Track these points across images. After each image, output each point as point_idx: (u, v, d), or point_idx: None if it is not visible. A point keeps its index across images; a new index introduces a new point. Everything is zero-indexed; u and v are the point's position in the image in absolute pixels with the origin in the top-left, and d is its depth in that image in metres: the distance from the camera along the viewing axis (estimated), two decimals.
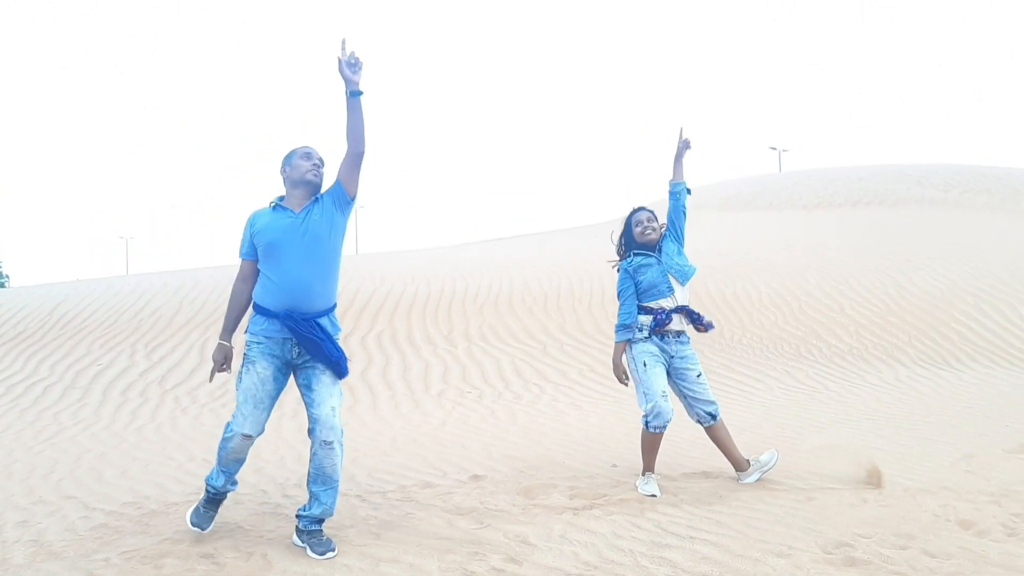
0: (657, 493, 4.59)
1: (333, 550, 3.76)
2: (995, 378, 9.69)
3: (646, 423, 4.67)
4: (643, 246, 4.87)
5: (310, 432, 3.81)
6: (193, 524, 4.01)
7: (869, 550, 3.64)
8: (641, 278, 4.80)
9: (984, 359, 10.90)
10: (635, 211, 4.98)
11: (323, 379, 3.86)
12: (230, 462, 3.92)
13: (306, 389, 3.88)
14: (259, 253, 3.91)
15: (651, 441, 4.73)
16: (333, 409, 3.81)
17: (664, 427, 4.67)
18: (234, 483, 4.08)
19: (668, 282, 4.79)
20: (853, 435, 6.37)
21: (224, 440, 3.87)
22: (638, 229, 4.89)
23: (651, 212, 4.96)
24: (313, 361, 3.88)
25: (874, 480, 4.70)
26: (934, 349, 11.30)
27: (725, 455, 4.93)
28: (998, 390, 8.84)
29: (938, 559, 3.53)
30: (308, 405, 3.86)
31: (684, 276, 4.85)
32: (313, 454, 3.81)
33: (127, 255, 60.92)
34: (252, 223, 3.95)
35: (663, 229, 4.95)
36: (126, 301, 12.93)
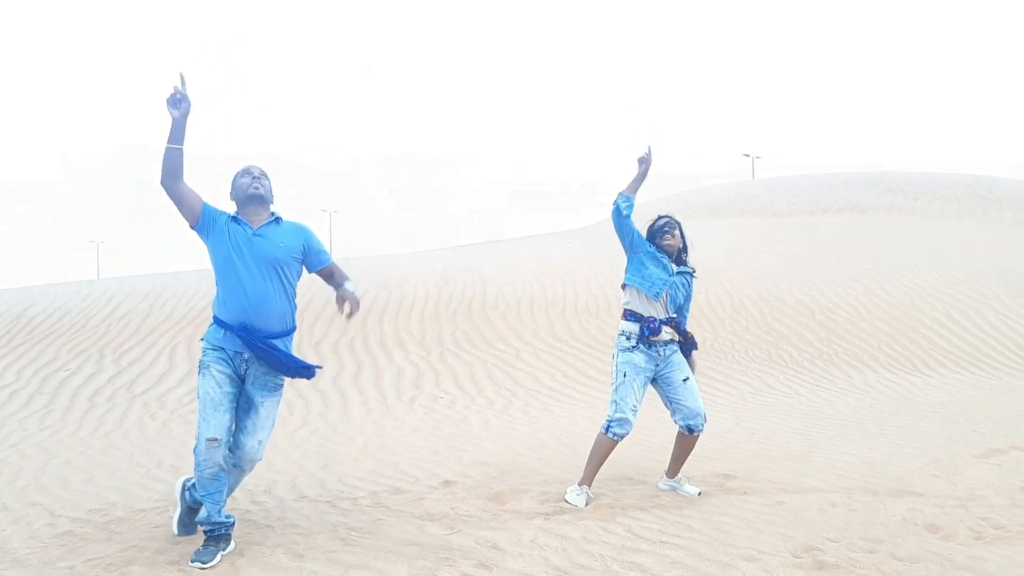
0: (582, 506, 4.51)
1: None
2: (963, 383, 9.81)
3: (607, 427, 4.61)
4: (662, 249, 4.80)
5: (231, 451, 3.86)
6: (182, 535, 4.00)
7: (838, 554, 3.67)
8: (650, 266, 4.71)
9: (952, 364, 11.04)
10: (662, 216, 4.89)
11: (260, 411, 3.89)
12: (207, 480, 3.76)
13: (243, 413, 3.90)
14: (214, 263, 3.90)
15: (604, 448, 4.65)
16: (260, 443, 3.90)
17: (622, 437, 4.62)
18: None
19: (663, 290, 4.70)
20: (822, 440, 6.42)
21: (195, 455, 3.79)
22: (663, 238, 4.80)
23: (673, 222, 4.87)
24: (256, 386, 3.88)
25: None
26: (903, 354, 11.43)
27: (671, 457, 4.90)
28: (966, 395, 8.95)
29: (905, 563, 3.56)
30: (238, 430, 3.89)
31: (673, 303, 4.79)
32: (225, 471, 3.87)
33: (98, 260, 60.11)
34: (215, 215, 3.90)
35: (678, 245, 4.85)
36: (95, 305, 12.76)
